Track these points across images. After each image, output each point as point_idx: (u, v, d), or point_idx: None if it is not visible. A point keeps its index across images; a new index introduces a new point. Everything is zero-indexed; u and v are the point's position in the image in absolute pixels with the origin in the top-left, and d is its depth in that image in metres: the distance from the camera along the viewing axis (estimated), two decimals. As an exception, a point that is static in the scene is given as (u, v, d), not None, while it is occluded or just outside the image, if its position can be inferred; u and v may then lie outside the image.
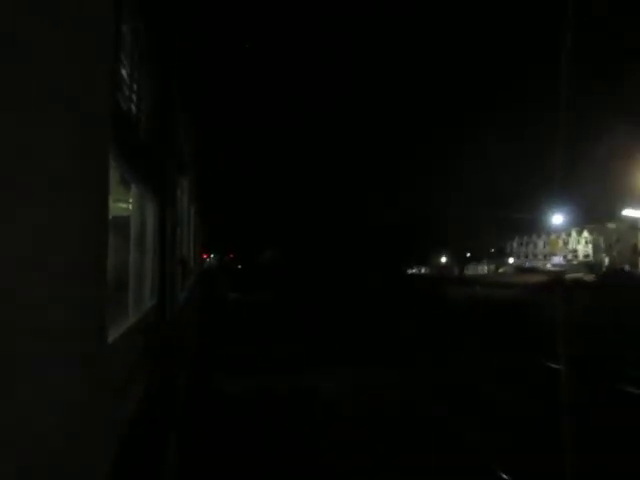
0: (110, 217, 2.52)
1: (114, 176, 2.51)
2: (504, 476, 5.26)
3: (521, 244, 61.48)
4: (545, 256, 66.84)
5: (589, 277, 40.02)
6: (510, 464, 5.32)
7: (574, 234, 70.69)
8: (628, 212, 45.91)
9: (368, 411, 7.23)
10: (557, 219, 48.97)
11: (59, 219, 1.09)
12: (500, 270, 56.87)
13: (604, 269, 50.32)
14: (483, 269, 59.98)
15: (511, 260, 60.52)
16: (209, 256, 47.14)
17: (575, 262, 62.58)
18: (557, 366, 9.02)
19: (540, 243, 67.72)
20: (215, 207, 22.36)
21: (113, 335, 2.14)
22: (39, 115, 0.99)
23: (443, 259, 60.78)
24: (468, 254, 59.19)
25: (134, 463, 1.97)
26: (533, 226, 55.94)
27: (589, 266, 53.83)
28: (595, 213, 44.35)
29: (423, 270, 57.70)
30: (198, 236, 14.35)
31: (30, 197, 0.94)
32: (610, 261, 54.10)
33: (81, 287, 1.23)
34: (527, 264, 57.90)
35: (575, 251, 72.32)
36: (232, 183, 24.62)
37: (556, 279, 38.62)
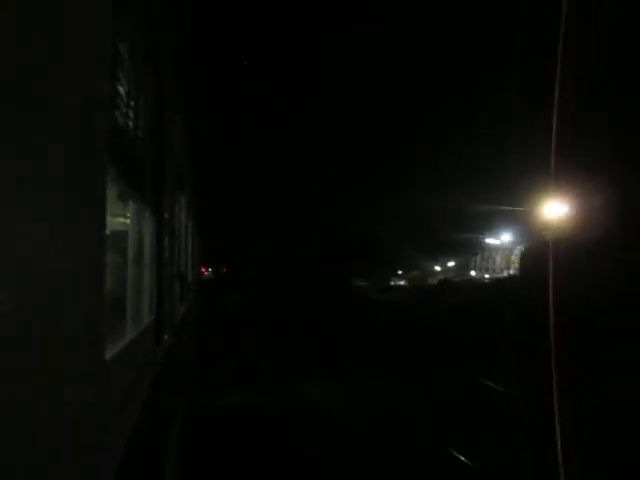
0: (108, 232, 2.28)
1: (112, 192, 2.27)
2: None
3: (483, 259, 62.19)
4: (502, 269, 68.12)
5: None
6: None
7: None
8: (489, 240, 48.89)
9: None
10: (506, 237, 50.09)
11: (55, 234, 0.97)
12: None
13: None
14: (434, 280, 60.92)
15: (472, 273, 60.93)
16: (207, 269, 46.87)
17: (521, 273, 63.92)
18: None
19: (498, 258, 68.79)
20: (212, 223, 22.39)
21: (111, 351, 1.90)
22: (35, 130, 0.88)
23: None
24: (438, 268, 60.34)
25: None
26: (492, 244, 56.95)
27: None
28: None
29: (402, 282, 59.28)
30: (196, 250, 14.05)
31: (25, 212, 0.84)
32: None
33: (78, 302, 1.08)
34: (486, 275, 58.54)
35: (525, 264, 73.62)
36: (226, 200, 24.68)
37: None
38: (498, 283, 33.47)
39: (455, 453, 5.57)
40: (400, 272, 64.03)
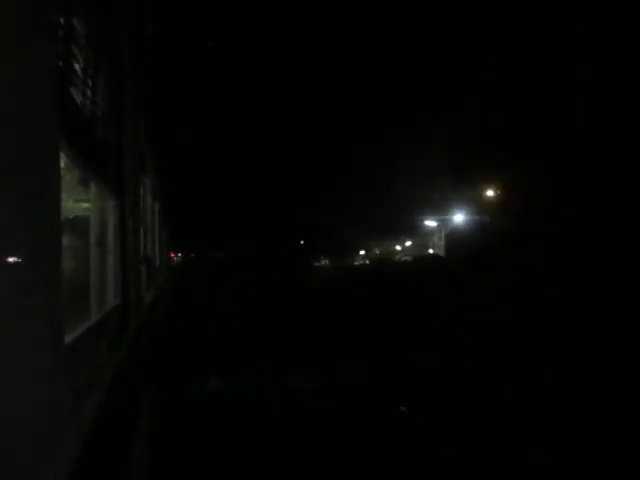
0: (71, 217, 2.16)
1: (73, 175, 2.15)
2: None
3: (440, 238, 63.52)
4: (455, 247, 70.06)
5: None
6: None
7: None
8: (428, 222, 51.07)
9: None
10: (458, 218, 50.11)
11: (6, 217, 0.91)
12: (402, 259, 59.20)
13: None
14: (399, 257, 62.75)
15: (430, 251, 62.29)
16: (177, 255, 46.57)
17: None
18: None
19: (452, 237, 70.70)
20: (180, 206, 22.07)
21: (72, 335, 1.80)
22: None
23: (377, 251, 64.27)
24: (398, 247, 62.55)
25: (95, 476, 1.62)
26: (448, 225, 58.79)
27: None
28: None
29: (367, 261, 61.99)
30: (164, 235, 13.73)
31: None
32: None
33: (33, 286, 1.02)
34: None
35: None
36: (195, 187, 24.30)
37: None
38: (420, 259, 37.79)
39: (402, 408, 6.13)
40: (364, 252, 65.43)
